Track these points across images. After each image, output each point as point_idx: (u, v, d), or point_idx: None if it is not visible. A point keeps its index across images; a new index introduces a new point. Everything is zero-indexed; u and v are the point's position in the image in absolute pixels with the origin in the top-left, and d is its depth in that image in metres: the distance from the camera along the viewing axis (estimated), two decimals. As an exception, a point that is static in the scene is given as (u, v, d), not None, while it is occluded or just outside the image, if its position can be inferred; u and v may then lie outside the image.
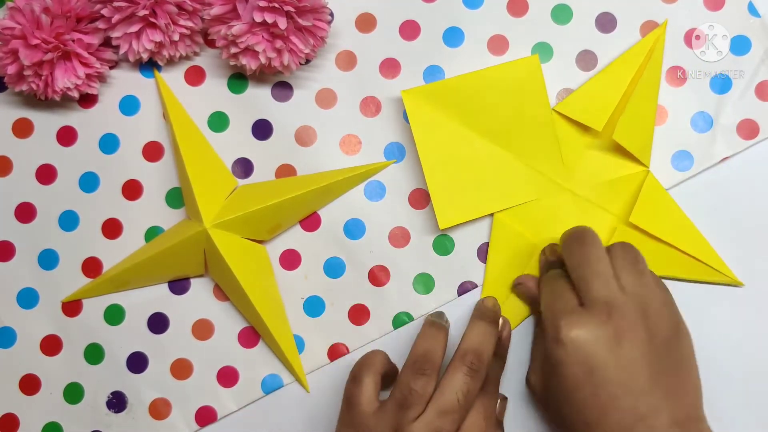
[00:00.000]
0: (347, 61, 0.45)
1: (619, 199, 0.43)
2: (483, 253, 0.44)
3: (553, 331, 0.36)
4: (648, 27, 0.44)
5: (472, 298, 0.44)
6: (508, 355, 0.42)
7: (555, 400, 0.37)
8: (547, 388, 0.38)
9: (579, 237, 0.39)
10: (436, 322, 0.40)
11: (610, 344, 0.35)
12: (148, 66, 0.45)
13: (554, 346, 0.36)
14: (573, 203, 0.43)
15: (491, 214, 0.44)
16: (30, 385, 0.45)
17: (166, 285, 0.45)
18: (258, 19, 0.40)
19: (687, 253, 0.42)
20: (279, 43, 0.41)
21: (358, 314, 0.44)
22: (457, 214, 0.43)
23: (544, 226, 0.43)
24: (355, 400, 0.38)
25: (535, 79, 0.43)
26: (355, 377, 0.39)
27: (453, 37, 0.45)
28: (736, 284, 0.43)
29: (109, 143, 0.45)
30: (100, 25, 0.42)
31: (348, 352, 0.44)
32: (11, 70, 0.41)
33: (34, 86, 0.42)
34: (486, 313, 0.40)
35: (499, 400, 0.41)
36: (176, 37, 0.43)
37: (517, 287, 0.43)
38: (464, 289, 0.44)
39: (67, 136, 0.45)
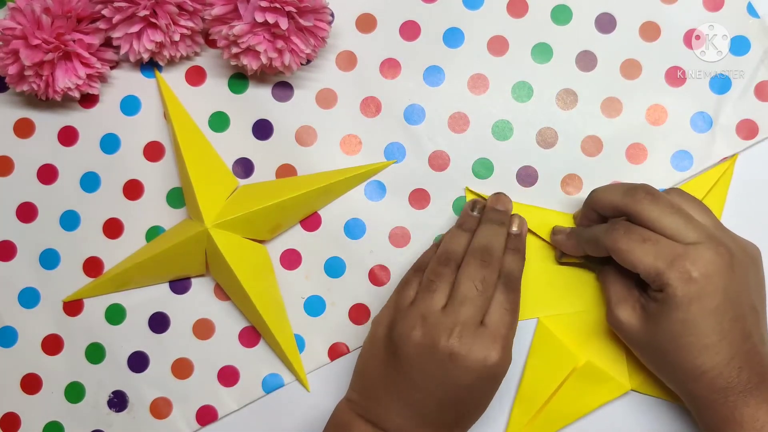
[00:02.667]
0: (348, 61, 0.45)
1: None
2: (483, 252, 0.44)
3: (678, 274, 0.36)
4: (648, 27, 0.44)
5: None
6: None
7: (673, 337, 0.37)
8: (654, 329, 0.38)
9: (646, 191, 0.38)
10: (464, 225, 0.42)
11: (729, 272, 0.36)
12: (149, 66, 0.46)
13: (684, 286, 0.36)
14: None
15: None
16: (31, 384, 0.45)
17: (167, 285, 0.45)
18: (259, 19, 0.40)
19: None
20: (280, 44, 0.41)
21: (359, 314, 0.45)
22: None
23: (586, 340, 0.43)
24: (405, 288, 0.40)
25: None
26: (414, 269, 0.41)
27: (453, 37, 0.45)
28: None
29: (110, 143, 0.45)
30: (101, 25, 0.42)
31: (348, 351, 0.45)
32: (12, 70, 0.41)
33: (35, 86, 0.42)
34: (493, 217, 0.42)
35: None
36: (177, 38, 0.43)
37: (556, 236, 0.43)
38: (464, 288, 0.44)
39: (68, 136, 0.46)
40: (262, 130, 0.45)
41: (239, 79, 0.45)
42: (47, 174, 0.46)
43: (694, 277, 0.35)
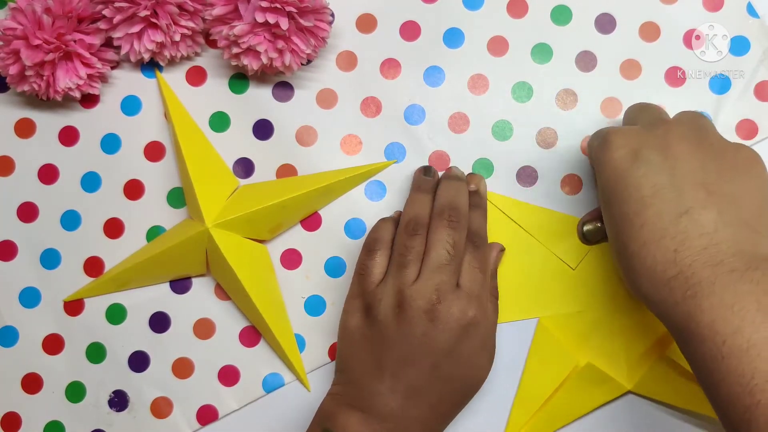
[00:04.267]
0: (348, 61, 0.45)
1: None
2: (483, 252, 0.44)
3: (597, 137, 0.36)
4: (648, 28, 0.44)
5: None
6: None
7: (604, 208, 0.35)
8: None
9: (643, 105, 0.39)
10: (422, 187, 0.42)
11: (662, 144, 0.34)
12: (150, 66, 0.46)
13: (599, 150, 0.35)
14: (619, 320, 0.43)
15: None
16: (32, 384, 0.45)
17: (167, 284, 0.45)
18: (260, 19, 0.40)
19: None
20: (280, 44, 0.41)
21: (359, 313, 0.45)
22: (503, 313, 0.43)
23: (586, 340, 0.43)
24: (367, 271, 0.40)
25: None
26: (368, 250, 0.41)
27: (453, 37, 0.45)
28: None
29: (110, 143, 0.45)
30: (102, 25, 0.42)
31: (349, 351, 0.45)
32: (13, 70, 0.41)
33: (35, 86, 0.42)
34: (451, 174, 0.42)
35: (496, 251, 0.42)
36: (177, 38, 0.43)
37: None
38: (464, 288, 0.44)
39: (68, 136, 0.46)
40: (263, 130, 0.45)
41: (240, 79, 0.45)
42: (48, 174, 0.46)
43: (608, 140, 0.35)
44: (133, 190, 0.45)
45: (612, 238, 0.34)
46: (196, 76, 0.46)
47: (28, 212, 0.46)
